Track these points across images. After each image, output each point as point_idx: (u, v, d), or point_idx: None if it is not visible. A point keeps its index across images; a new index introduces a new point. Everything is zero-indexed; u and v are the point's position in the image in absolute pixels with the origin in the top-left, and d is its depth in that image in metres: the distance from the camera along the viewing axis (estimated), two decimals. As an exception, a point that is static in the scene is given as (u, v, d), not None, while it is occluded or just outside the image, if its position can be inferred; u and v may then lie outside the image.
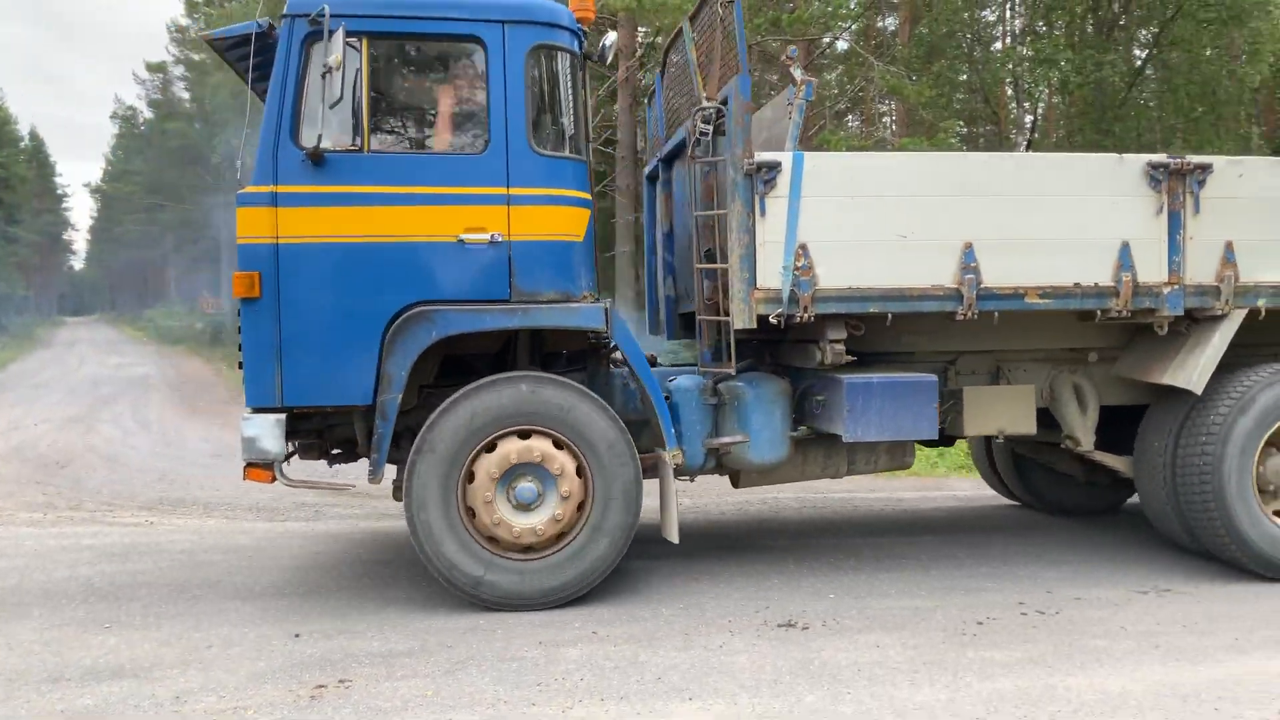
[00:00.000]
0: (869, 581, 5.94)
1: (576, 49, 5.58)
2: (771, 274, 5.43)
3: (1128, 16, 16.26)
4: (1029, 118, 41.12)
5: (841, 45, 25.61)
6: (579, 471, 5.32)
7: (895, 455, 6.34)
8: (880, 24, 31.27)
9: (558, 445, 5.30)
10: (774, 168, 5.39)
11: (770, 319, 5.43)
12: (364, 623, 5.12)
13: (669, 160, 6.78)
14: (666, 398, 5.72)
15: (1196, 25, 13.61)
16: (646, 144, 10.79)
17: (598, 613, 5.28)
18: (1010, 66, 16.02)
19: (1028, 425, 6.18)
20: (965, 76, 18.42)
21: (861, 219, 5.52)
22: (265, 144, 5.16)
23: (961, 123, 37.21)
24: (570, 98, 5.58)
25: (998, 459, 8.04)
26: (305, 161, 5.13)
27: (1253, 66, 13.27)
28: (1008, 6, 20.16)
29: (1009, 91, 17.04)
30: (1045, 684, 4.26)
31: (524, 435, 5.27)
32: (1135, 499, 6.85)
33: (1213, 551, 5.98)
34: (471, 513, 5.23)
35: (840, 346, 5.66)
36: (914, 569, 6.25)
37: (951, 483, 10.24)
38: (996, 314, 5.61)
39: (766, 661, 4.56)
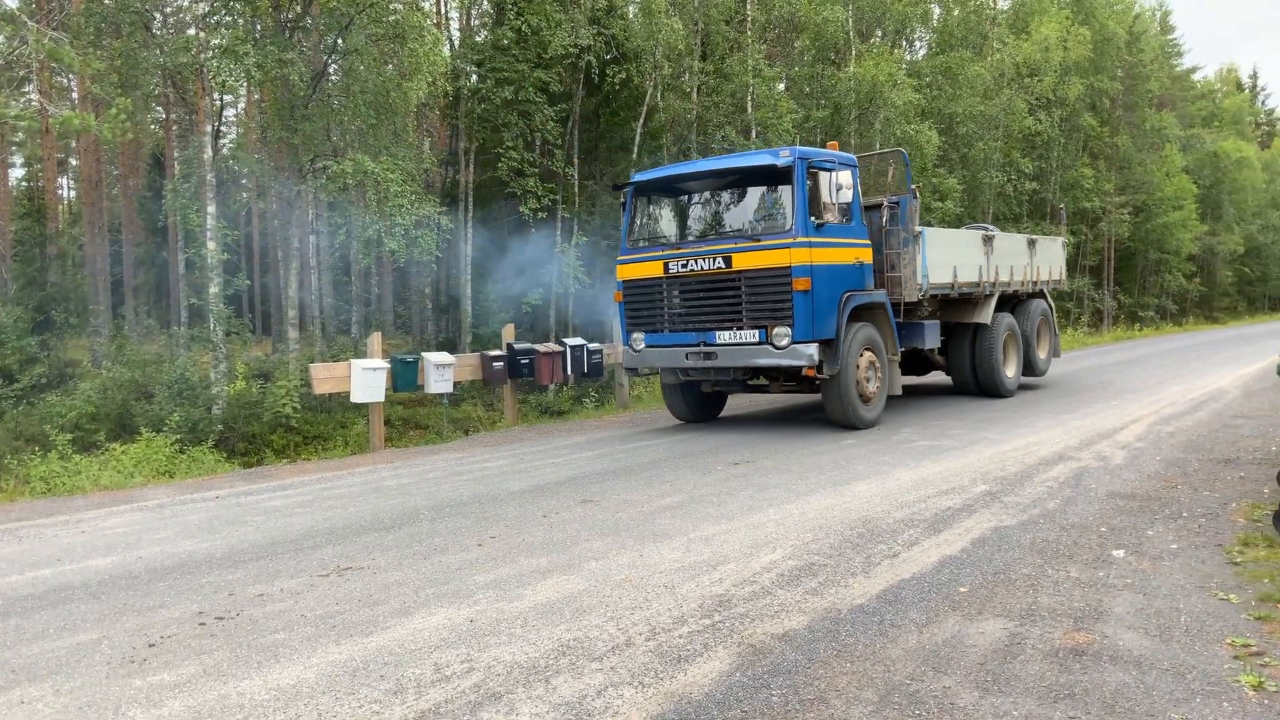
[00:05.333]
0: (18, 625, 5.01)
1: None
2: (920, 278, 12.26)
3: (310, 19, 16.87)
4: (229, 111, 40.63)
5: (10, 3, 22.15)
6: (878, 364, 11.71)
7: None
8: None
9: (873, 352, 11.61)
10: (921, 234, 12.33)
11: (920, 297, 12.45)
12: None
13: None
14: None
15: (367, 38, 14.71)
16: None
17: None
18: (194, 53, 15.36)
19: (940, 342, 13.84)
20: (159, 58, 17.23)
21: (939, 255, 12.76)
22: (801, 217, 10.66)
23: (159, 107, 35.22)
24: (850, 193, 11.09)
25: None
26: (816, 227, 10.78)
27: (413, 83, 14.84)
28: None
29: (219, 81, 16.43)
30: (219, 695, 4.01)
31: (864, 350, 11.47)
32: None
33: (989, 391, 14.24)
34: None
35: (930, 309, 13.22)
36: (82, 597, 5.48)
37: (146, 493, 9.42)
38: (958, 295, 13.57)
39: None
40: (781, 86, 26.92)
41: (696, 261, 11.16)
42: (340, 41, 15.80)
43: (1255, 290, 56.76)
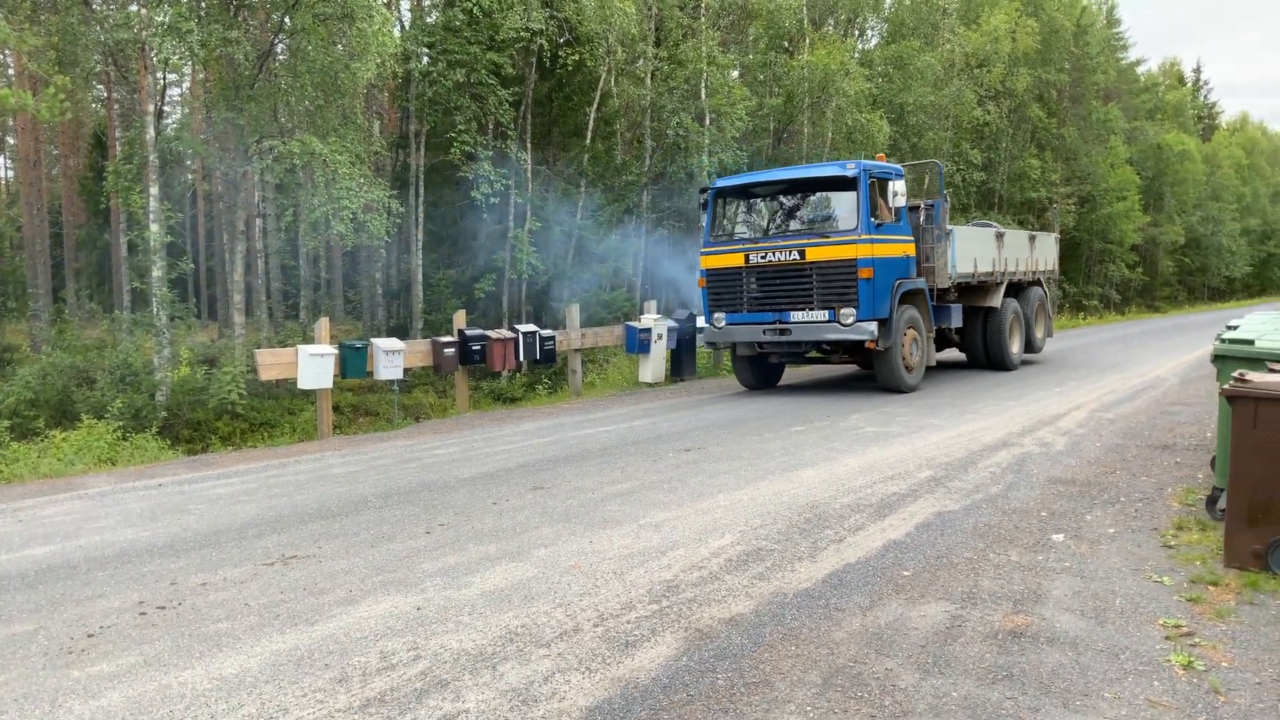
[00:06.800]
0: (-48, 617, 4.89)
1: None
2: (949, 268, 14.43)
3: (255, -2, 16.50)
4: (175, 90, 39.66)
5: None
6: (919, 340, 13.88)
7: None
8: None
9: (915, 330, 13.75)
10: (952, 231, 14.53)
11: (949, 284, 14.59)
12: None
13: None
14: None
15: (314, 17, 14.43)
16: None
17: None
18: (136, 30, 14.96)
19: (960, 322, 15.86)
20: (99, 34, 16.75)
21: (964, 249, 14.96)
22: (865, 218, 12.81)
23: (100, 85, 34.27)
24: (904, 198, 13.30)
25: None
26: (875, 226, 12.94)
27: (362, 64, 14.60)
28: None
29: (160, 59, 15.95)
30: (159, 685, 3.95)
31: (909, 328, 13.62)
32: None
33: (998, 365, 16.35)
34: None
35: (955, 294, 15.28)
36: (18, 587, 5.35)
37: (87, 481, 9.22)
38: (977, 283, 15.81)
39: None
40: (735, 74, 26.96)
41: (774, 253, 13.29)
42: (287, 20, 15.50)
43: (1195, 280, 58.17)
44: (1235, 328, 7.10)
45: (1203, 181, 54.32)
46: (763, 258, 13.39)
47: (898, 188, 12.99)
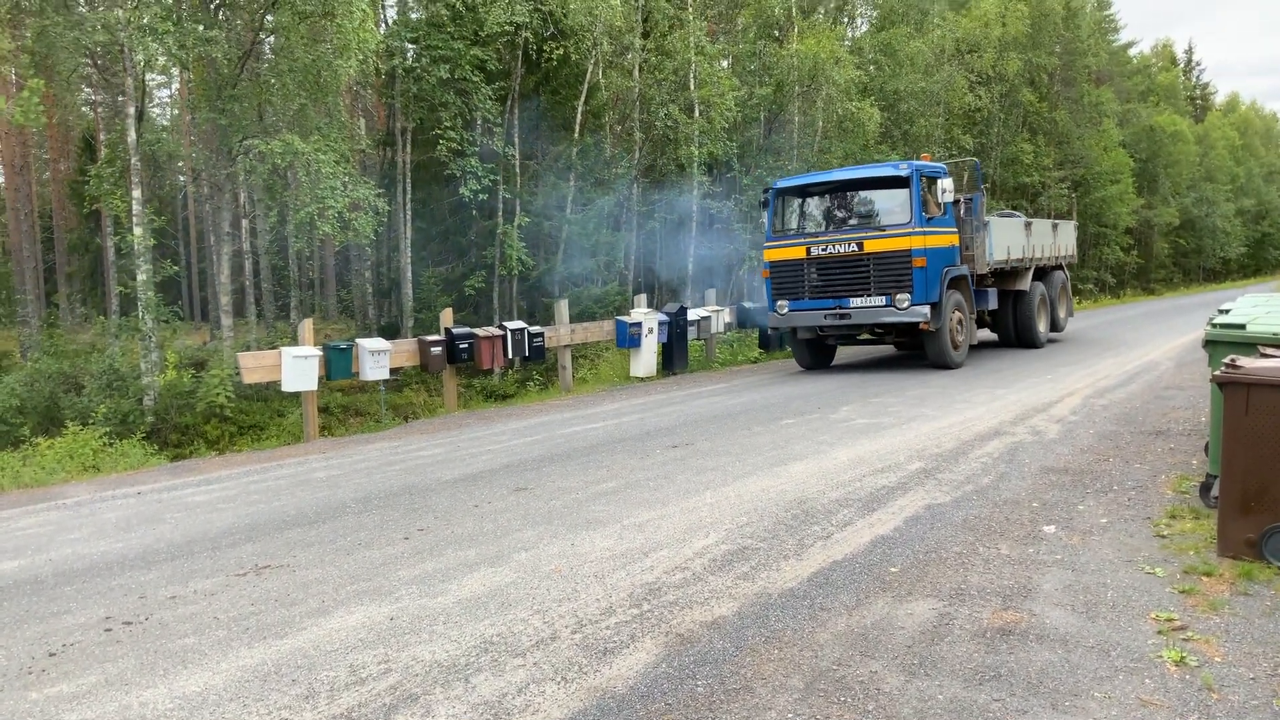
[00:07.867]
0: (-88, 637, 4.75)
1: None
2: (988, 255, 15.83)
3: (234, -3, 16.32)
4: (164, 91, 39.31)
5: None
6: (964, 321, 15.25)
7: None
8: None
9: (961, 311, 15.08)
10: (989, 222, 16.11)
11: (987, 270, 15.95)
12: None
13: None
14: None
15: (294, 15, 14.23)
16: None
17: None
18: (116, 33, 14.76)
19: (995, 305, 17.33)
20: (82, 39, 16.51)
21: (999, 238, 16.34)
22: (918, 213, 14.06)
23: (87, 88, 34.01)
24: (952, 194, 14.60)
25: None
26: (926, 220, 14.17)
27: (344, 61, 14.41)
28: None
29: (139, 60, 15.67)
30: (120, 705, 3.82)
31: (955, 310, 14.93)
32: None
33: (1027, 344, 17.57)
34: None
35: (992, 279, 16.75)
36: (-17, 606, 5.22)
37: (66, 490, 9.08)
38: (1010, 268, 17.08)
39: None
40: (724, 64, 26.76)
41: (834, 246, 14.63)
42: (269, 18, 15.33)
43: (1190, 262, 58.02)
44: (1227, 311, 6.97)
45: (1196, 163, 54.15)
46: (823, 250, 14.68)
47: (946, 185, 14.31)
